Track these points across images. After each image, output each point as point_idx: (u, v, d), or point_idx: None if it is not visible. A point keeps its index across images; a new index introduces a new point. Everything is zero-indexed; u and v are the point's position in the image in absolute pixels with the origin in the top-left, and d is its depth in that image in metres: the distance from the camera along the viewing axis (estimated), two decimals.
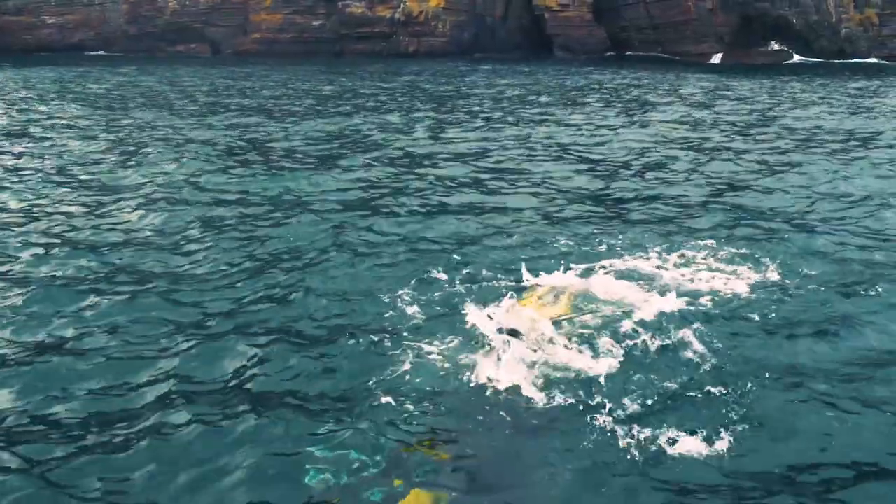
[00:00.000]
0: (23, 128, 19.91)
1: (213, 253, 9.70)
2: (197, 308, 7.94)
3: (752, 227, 11.08)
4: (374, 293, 8.26)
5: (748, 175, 14.57)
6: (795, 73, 45.58)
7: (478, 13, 58.87)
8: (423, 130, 20.13)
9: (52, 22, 67.56)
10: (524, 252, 9.76)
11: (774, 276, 8.84)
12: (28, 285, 8.51)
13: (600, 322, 7.45)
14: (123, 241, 10.07)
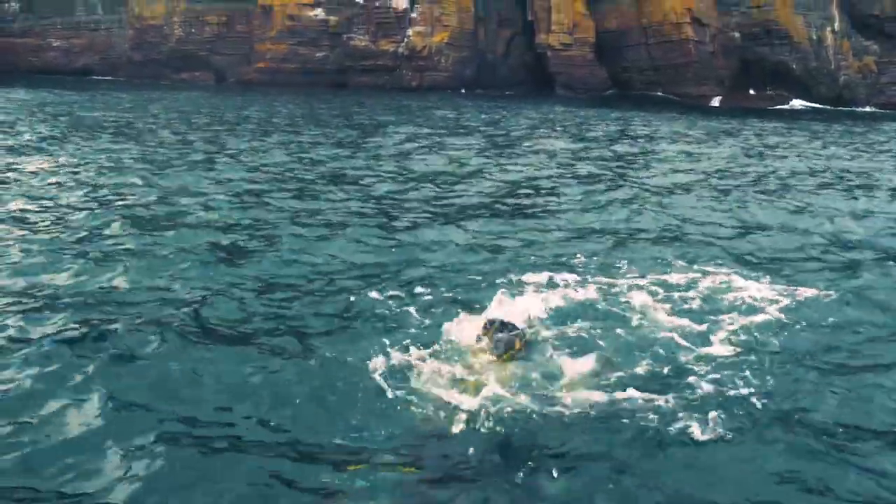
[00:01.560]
0: (32, 145, 19.96)
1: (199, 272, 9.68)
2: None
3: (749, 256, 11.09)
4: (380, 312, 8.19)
5: (746, 215, 14.60)
6: (794, 118, 45.97)
7: (480, 50, 59.53)
8: (435, 154, 20.23)
9: (57, 45, 68.06)
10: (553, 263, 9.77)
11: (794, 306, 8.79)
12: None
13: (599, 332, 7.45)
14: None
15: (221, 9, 60.74)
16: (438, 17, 57.25)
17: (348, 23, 57.47)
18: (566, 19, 57.36)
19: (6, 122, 24.46)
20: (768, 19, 57.55)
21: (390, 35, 57.25)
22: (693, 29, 56.48)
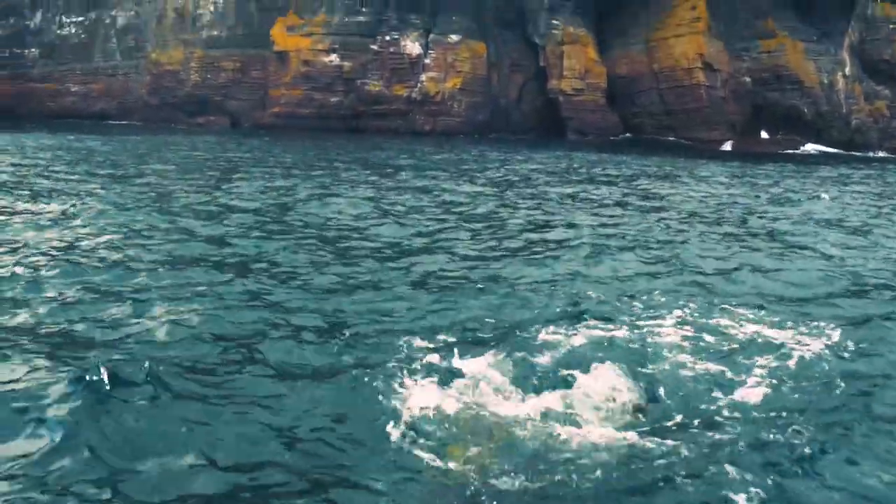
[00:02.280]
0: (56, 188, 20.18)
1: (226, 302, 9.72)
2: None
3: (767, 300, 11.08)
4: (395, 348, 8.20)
5: (763, 257, 14.61)
6: (806, 162, 46.06)
7: (493, 95, 60.05)
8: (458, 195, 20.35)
9: (75, 90, 69.17)
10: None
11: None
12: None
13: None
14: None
15: (237, 55, 61.60)
16: (452, 62, 57.89)
17: (363, 68, 58.14)
18: (578, 65, 57.92)
19: (29, 166, 24.76)
20: (779, 64, 57.98)
21: (404, 80, 57.86)
22: (704, 74, 56.90)
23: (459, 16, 58.85)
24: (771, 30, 58.56)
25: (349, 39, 58.37)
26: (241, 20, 61.76)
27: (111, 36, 67.89)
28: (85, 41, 68.77)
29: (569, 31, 58.60)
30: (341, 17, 58.42)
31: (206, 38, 62.28)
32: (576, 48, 58.26)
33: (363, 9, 58.41)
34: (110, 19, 67.90)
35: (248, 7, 61.64)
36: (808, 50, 58.83)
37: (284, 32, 59.62)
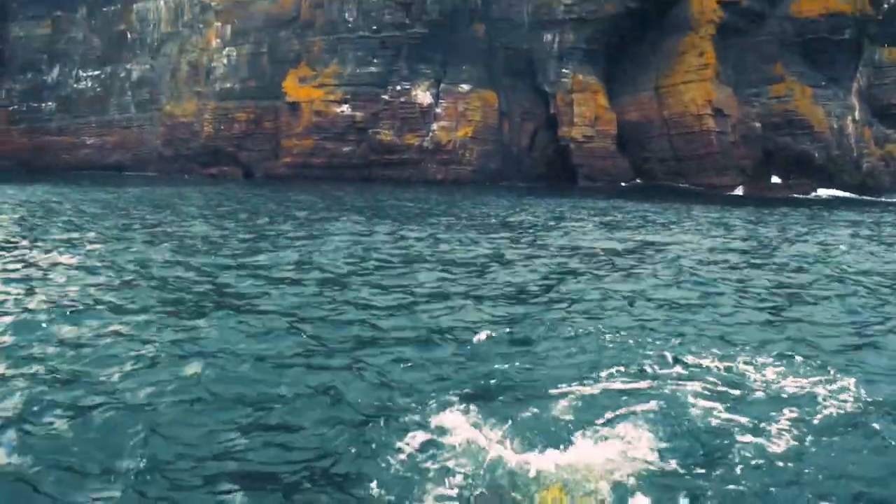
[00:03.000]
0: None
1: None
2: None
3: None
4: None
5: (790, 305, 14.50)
6: (818, 206, 45.96)
7: (504, 143, 60.47)
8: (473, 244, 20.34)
9: (91, 142, 70.25)
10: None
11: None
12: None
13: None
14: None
15: (250, 106, 62.39)
16: (463, 111, 58.41)
17: (374, 118, 58.73)
18: (588, 112, 58.35)
19: (47, 217, 24.97)
20: (788, 109, 58.22)
21: (415, 129, 58.36)
22: (714, 120, 57.16)
23: (470, 66, 59.52)
24: (779, 75, 58.90)
25: (360, 90, 59.06)
26: (254, 73, 62.68)
27: (126, 89, 69.00)
28: (101, 94, 69.94)
29: (578, 79, 59.16)
30: (353, 68, 59.18)
31: (220, 91, 63.14)
32: (585, 96, 58.77)
33: (374, 60, 59.16)
34: (125, 73, 69.06)
35: (261, 60, 62.59)
36: (817, 95, 59.10)
37: (296, 84, 60.42)
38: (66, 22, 71.22)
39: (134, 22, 68.79)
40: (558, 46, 59.85)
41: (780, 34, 58.87)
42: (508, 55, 61.14)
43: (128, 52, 69.17)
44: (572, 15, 59.43)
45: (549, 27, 60.15)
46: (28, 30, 71.98)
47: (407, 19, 58.27)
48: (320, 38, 60.28)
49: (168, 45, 67.33)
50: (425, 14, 57.79)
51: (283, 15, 62.00)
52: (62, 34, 71.38)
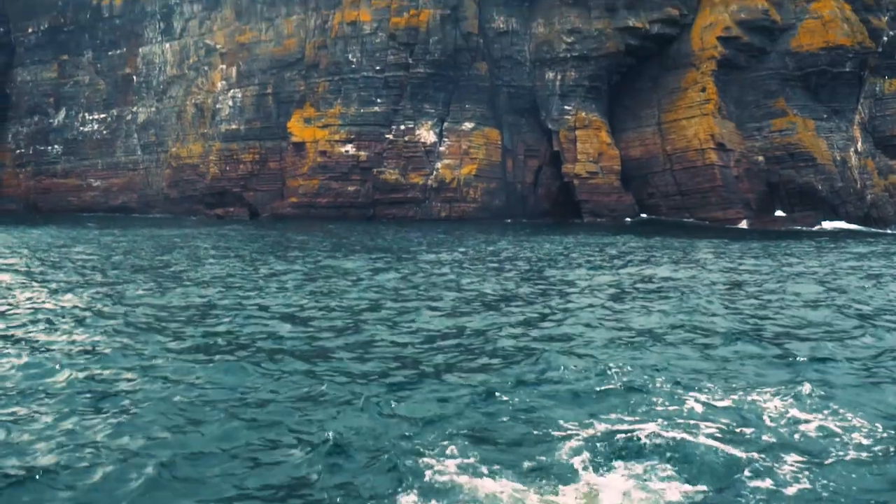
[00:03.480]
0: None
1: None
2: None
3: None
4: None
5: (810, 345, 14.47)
6: (824, 238, 45.93)
7: (508, 180, 60.71)
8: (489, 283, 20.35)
9: (97, 185, 70.68)
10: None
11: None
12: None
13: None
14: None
15: (256, 147, 62.81)
16: (466, 150, 58.75)
17: (378, 157, 59.08)
18: (591, 149, 58.68)
19: (60, 260, 25.08)
20: (791, 142, 58.41)
21: (419, 168, 58.65)
22: (717, 154, 57.40)
23: (473, 104, 59.95)
24: (781, 109, 59.18)
25: (365, 129, 59.48)
26: (259, 113, 63.19)
27: (132, 131, 69.56)
28: (107, 137, 70.53)
29: (581, 116, 59.57)
30: (357, 108, 59.62)
31: (225, 132, 63.60)
32: (588, 132, 59.13)
33: (378, 99, 59.62)
34: (131, 116, 69.66)
35: (266, 101, 63.12)
36: (820, 127, 59.34)
37: (301, 124, 60.89)
38: (72, 66, 71.99)
39: (140, 65, 69.51)
40: (560, 84, 60.32)
41: (780, 68, 59.24)
42: (511, 93, 61.61)
43: (134, 95, 69.82)
44: (574, 53, 59.96)
45: (551, 65, 60.67)
46: (35, 74, 72.78)
47: (410, 59, 58.80)
48: (325, 78, 60.80)
49: (174, 88, 67.96)
50: (428, 54, 58.31)
51: (287, 56, 62.61)
52: (68, 78, 72.15)
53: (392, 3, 59.49)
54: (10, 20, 72.95)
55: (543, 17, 61.17)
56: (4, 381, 10.74)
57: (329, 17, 61.19)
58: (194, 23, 66.77)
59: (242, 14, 64.33)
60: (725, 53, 58.62)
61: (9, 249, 30.68)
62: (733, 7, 59.05)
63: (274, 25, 63.27)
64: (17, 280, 21.16)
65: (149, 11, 68.68)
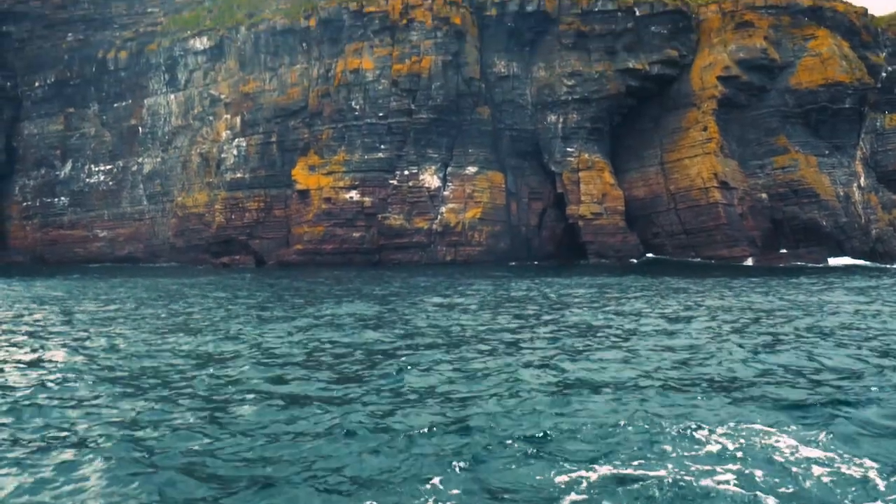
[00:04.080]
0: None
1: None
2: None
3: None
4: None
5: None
6: (830, 274, 45.81)
7: (513, 223, 60.89)
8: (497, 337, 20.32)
9: (103, 235, 71.00)
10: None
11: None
12: None
13: None
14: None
15: (261, 195, 63.15)
16: (470, 193, 59.01)
17: (383, 203, 59.34)
18: (595, 190, 58.97)
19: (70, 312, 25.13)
20: (794, 179, 58.62)
21: (424, 213, 58.88)
22: (720, 192, 57.62)
23: (476, 148, 60.33)
24: (783, 146, 59.49)
25: (369, 175, 59.82)
26: (264, 162, 63.62)
27: (138, 182, 70.03)
28: (113, 188, 71.00)
29: (584, 158, 59.95)
30: (361, 155, 60.01)
31: (231, 181, 63.99)
32: (592, 174, 59.48)
33: (382, 145, 60.03)
34: (137, 166, 70.19)
35: (271, 149, 63.57)
36: (822, 164, 59.61)
37: (306, 171, 61.27)
38: (78, 118, 72.70)
39: (145, 117, 70.18)
40: (562, 126, 60.80)
41: (781, 106, 59.67)
42: (514, 137, 62.04)
43: (139, 145, 70.41)
44: (575, 96, 60.50)
45: (553, 108, 61.18)
46: (41, 127, 73.48)
47: (413, 105, 59.30)
48: (328, 126, 61.30)
49: (179, 138, 68.54)
50: (431, 100, 58.82)
51: (291, 105, 63.18)
52: (74, 130, 72.83)
53: (394, 51, 60.18)
54: (18, 74, 73.83)
55: (544, 60, 61.80)
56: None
57: (332, 65, 61.85)
58: (199, 74, 67.50)
59: (246, 64, 65.06)
60: (726, 92, 59.10)
61: (36, 303, 30.74)
62: (732, 47, 59.65)
63: (277, 75, 63.95)
64: (50, 329, 21.19)
65: (154, 63, 69.47)
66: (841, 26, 61.53)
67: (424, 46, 59.38)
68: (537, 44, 62.13)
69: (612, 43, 60.64)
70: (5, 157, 73.69)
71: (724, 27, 60.62)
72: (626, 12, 60.26)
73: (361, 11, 60.88)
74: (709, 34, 61.16)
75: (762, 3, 60.37)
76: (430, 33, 59.43)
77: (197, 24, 68.37)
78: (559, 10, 61.03)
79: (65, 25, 72.46)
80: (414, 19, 59.93)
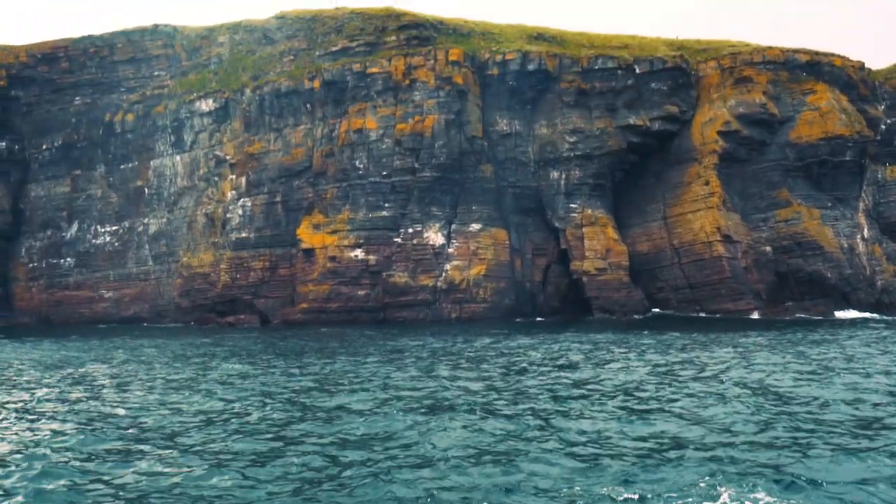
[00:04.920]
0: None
1: None
2: None
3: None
4: None
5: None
6: (835, 328, 45.60)
7: (517, 279, 60.95)
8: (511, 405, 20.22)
9: (108, 296, 71.16)
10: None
11: None
12: None
13: None
14: None
15: (266, 254, 63.39)
16: (475, 250, 59.18)
17: (387, 261, 59.52)
18: (599, 245, 59.17)
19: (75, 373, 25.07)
20: (797, 231, 58.76)
21: (429, 270, 59.00)
22: (724, 246, 57.76)
23: (479, 205, 60.66)
24: (785, 199, 59.74)
25: (373, 234, 60.11)
26: (269, 221, 63.98)
27: (144, 242, 70.39)
28: (119, 248, 71.34)
29: (587, 213, 60.25)
30: (365, 213, 60.36)
31: (236, 240, 64.29)
32: (595, 229, 59.72)
33: (386, 204, 60.41)
34: (143, 227, 70.61)
35: (275, 209, 63.99)
36: (825, 216, 59.83)
37: (310, 230, 61.60)
38: (84, 180, 73.34)
39: (151, 178, 70.79)
40: (565, 183, 61.23)
41: (782, 159, 60.10)
42: (517, 193, 62.43)
43: (145, 206, 70.90)
44: (577, 152, 61.03)
45: (555, 165, 61.67)
46: (48, 189, 74.10)
47: (416, 164, 59.81)
48: (333, 185, 61.78)
49: (184, 199, 69.04)
50: (434, 158, 59.34)
51: (295, 165, 63.77)
52: (81, 192, 73.40)
53: (397, 111, 60.88)
54: (25, 137, 74.62)
55: (546, 118, 62.46)
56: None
57: (336, 125, 62.55)
58: (204, 135, 68.24)
59: (251, 125, 65.82)
60: (726, 147, 59.60)
61: (58, 364, 30.71)
62: (731, 102, 60.31)
63: (282, 135, 64.66)
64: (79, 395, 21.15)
65: (160, 125, 70.27)
66: (839, 80, 62.23)
67: (427, 106, 60.09)
68: (539, 101, 62.85)
69: (613, 100, 61.35)
70: (12, 219, 74.14)
71: (723, 83, 61.35)
72: (626, 70, 61.08)
73: (365, 72, 61.75)
74: (708, 90, 61.87)
75: (760, 59, 61.18)
76: (433, 93, 60.19)
77: (203, 87, 69.30)
78: (560, 69, 61.86)
79: (72, 89, 73.47)
80: (417, 79, 60.75)
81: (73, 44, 73.51)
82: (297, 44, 68.22)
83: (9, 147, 73.84)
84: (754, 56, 61.47)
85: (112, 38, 73.56)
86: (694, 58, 63.64)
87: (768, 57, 61.24)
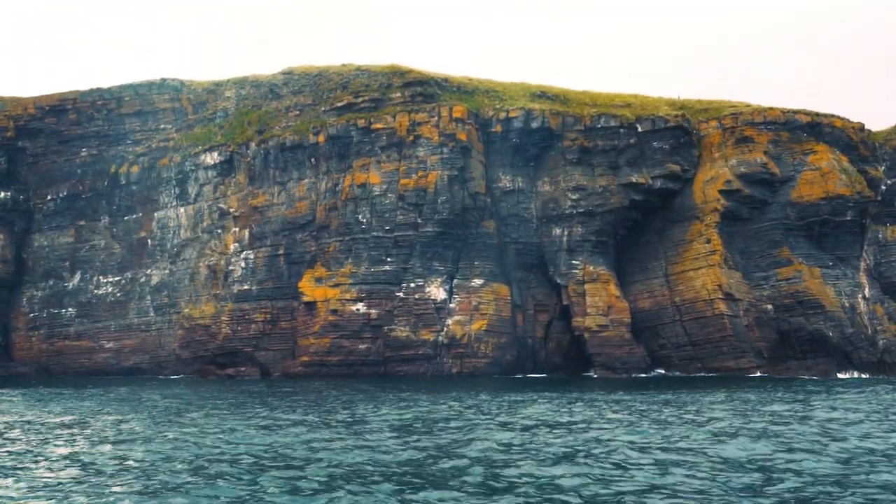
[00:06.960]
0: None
1: None
2: None
3: None
4: None
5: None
6: (839, 387, 45.35)
7: (519, 335, 60.90)
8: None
9: (109, 346, 71.08)
10: None
11: None
12: None
13: None
14: None
15: (267, 307, 63.44)
16: (476, 305, 59.23)
17: (389, 315, 59.55)
18: (601, 302, 59.26)
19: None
20: (799, 290, 58.87)
21: (430, 325, 58.97)
22: (725, 304, 57.82)
23: (482, 261, 60.86)
24: (786, 258, 59.98)
25: (375, 287, 60.22)
26: (271, 274, 64.17)
27: (146, 293, 70.46)
28: (120, 299, 71.41)
29: (589, 270, 60.43)
30: (367, 267, 60.53)
31: (238, 293, 64.38)
32: (597, 286, 59.85)
33: (388, 258, 60.61)
34: (145, 278, 70.74)
35: (278, 261, 64.22)
36: (826, 275, 59.99)
37: (312, 284, 61.70)
38: (88, 231, 73.69)
39: (154, 229, 71.12)
40: (567, 239, 61.52)
41: (783, 218, 60.46)
42: (519, 249, 62.70)
43: (148, 257, 71.13)
44: (579, 209, 61.42)
45: (558, 221, 62.02)
46: (52, 239, 74.44)
47: (419, 219, 60.15)
48: (335, 239, 62.05)
49: (187, 251, 69.29)
50: (437, 214, 59.69)
51: (299, 218, 64.13)
52: (84, 242, 73.71)
53: (400, 166, 61.41)
54: (30, 188, 75.19)
55: (548, 175, 62.99)
56: None
57: (339, 180, 63.06)
58: (208, 188, 68.72)
59: (255, 178, 66.33)
60: (728, 206, 60.00)
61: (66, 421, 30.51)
62: (733, 161, 60.86)
63: (286, 189, 65.13)
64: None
65: (165, 178, 70.77)
66: (839, 141, 62.88)
67: (431, 162, 60.63)
68: (542, 159, 63.45)
69: (615, 158, 61.91)
70: (14, 269, 74.31)
71: (724, 142, 61.98)
72: (629, 128, 61.72)
73: (369, 128, 62.44)
74: (710, 149, 62.49)
75: (761, 120, 61.90)
76: (437, 149, 60.76)
77: (208, 140, 69.98)
78: (563, 127, 62.54)
79: (79, 141, 74.21)
80: (420, 135, 61.37)
81: (82, 96, 74.41)
82: (303, 99, 68.99)
83: (14, 197, 74.32)
84: (755, 116, 62.21)
85: (120, 90, 74.45)
86: (695, 117, 64.39)
87: (769, 117, 61.97)
